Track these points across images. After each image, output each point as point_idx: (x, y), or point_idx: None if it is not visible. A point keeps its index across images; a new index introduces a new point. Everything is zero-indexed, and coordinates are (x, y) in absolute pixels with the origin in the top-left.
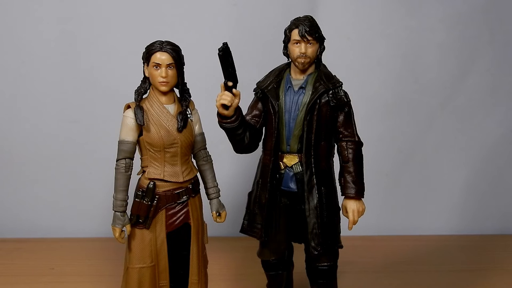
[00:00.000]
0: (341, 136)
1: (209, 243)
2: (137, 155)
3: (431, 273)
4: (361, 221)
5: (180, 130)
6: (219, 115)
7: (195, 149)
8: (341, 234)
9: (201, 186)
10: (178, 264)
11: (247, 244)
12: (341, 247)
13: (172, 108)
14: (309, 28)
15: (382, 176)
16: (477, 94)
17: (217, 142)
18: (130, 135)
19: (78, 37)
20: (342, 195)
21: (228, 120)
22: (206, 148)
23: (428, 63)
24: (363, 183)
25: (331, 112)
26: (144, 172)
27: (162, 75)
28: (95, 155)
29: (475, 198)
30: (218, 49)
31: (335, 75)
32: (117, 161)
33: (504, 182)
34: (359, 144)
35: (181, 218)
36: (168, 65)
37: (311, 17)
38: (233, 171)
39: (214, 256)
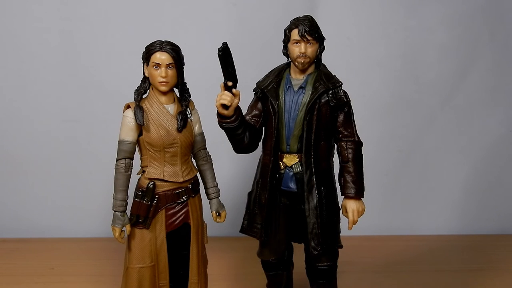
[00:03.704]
0: (341, 136)
1: (209, 243)
2: (137, 155)
3: (431, 273)
4: (361, 221)
5: (179, 130)
6: (219, 115)
7: (195, 149)
8: (341, 234)
9: (201, 186)
10: (178, 264)
11: (247, 244)
12: (341, 247)
13: (172, 108)
14: (309, 28)
15: (382, 176)
16: (477, 94)
17: (217, 142)
18: (130, 135)
19: (78, 37)
20: (342, 195)
21: (228, 120)
22: (206, 148)
23: (428, 63)
24: (363, 183)
25: (331, 112)
26: (144, 172)
27: (162, 75)
28: (95, 155)
29: (475, 198)
30: (218, 49)
31: (335, 75)
32: (117, 161)
33: (504, 182)
34: (359, 144)
35: (181, 218)
36: (168, 65)
37: (311, 17)
38: (233, 171)
39: (214, 256)
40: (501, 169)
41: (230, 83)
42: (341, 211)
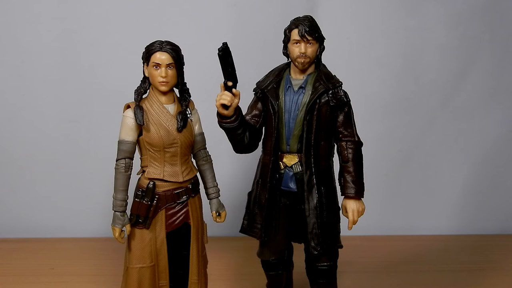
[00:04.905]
0: (340, 136)
1: (209, 243)
2: (137, 155)
3: (431, 273)
4: (361, 221)
5: (179, 130)
6: (219, 115)
7: (194, 149)
8: (341, 234)
9: (201, 186)
10: (178, 264)
11: (247, 244)
12: (341, 247)
13: (172, 108)
14: (308, 28)
15: (382, 176)
16: (477, 94)
17: (217, 142)
18: (129, 135)
19: (78, 37)
20: (342, 195)
21: (228, 120)
22: (205, 148)
23: (428, 63)
24: (363, 183)
25: (331, 112)
26: (144, 172)
27: (162, 75)
28: (95, 155)
29: (475, 198)
30: (218, 49)
31: (335, 75)
32: (116, 161)
33: (504, 182)
34: (359, 144)
35: (181, 218)
36: (168, 65)
37: (311, 17)
38: (233, 171)
39: (214, 256)
40: (501, 169)
41: (230, 83)
42: (341, 211)
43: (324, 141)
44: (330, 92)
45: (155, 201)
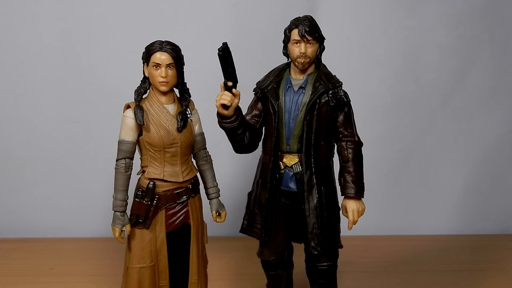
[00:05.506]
0: (341, 136)
1: (209, 243)
2: (137, 155)
3: (431, 273)
4: (361, 221)
5: (180, 130)
6: (219, 115)
7: (195, 149)
8: (341, 234)
9: (201, 186)
10: (178, 264)
11: (247, 244)
12: (341, 247)
13: (172, 108)
14: (308, 28)
15: (382, 176)
16: (477, 94)
17: (217, 142)
18: (130, 135)
19: (78, 37)
20: (342, 195)
21: (228, 120)
22: (206, 148)
23: (428, 63)
24: (363, 183)
25: (331, 112)
26: (144, 172)
27: (162, 75)
28: (95, 155)
29: (475, 198)
30: (218, 49)
31: (335, 75)
32: (117, 161)
33: (504, 182)
34: (359, 144)
35: (181, 218)
36: (168, 65)
37: (311, 17)
38: (233, 171)
39: (214, 256)
40: (501, 169)
41: (230, 83)
42: (341, 211)
43: (324, 141)
44: (330, 92)
45: (155, 201)
